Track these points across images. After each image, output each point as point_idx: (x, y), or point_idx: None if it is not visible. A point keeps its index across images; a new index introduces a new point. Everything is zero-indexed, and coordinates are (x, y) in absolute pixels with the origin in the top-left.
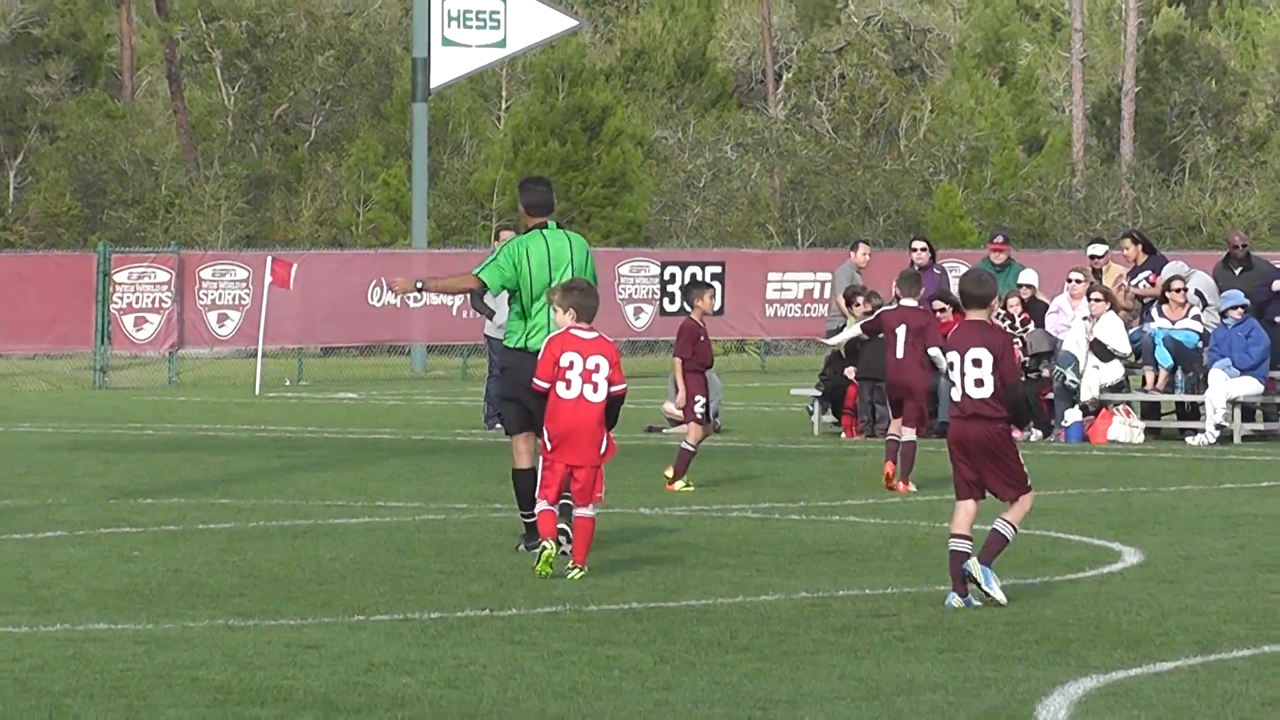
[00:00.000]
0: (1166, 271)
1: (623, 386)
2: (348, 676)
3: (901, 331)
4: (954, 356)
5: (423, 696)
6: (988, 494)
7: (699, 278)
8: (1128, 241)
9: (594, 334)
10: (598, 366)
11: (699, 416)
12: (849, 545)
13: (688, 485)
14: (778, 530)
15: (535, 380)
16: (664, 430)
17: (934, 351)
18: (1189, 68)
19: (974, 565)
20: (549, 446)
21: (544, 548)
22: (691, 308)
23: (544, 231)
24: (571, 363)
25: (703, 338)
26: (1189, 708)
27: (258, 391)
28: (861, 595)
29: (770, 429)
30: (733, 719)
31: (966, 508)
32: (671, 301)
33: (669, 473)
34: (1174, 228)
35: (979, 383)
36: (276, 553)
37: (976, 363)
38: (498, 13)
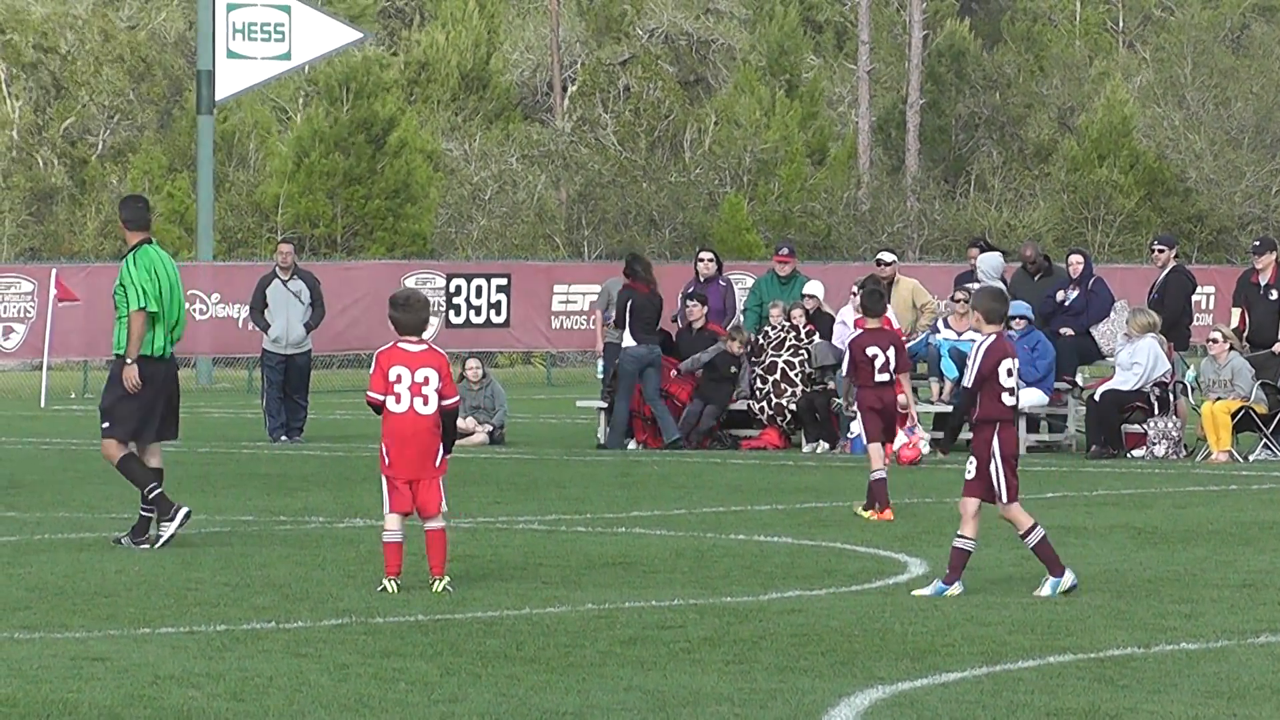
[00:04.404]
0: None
1: (455, 399)
2: (133, 689)
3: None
4: (1011, 364)
5: (208, 709)
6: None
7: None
8: (974, 250)
9: (423, 346)
10: (426, 379)
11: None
12: (635, 557)
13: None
14: (564, 542)
15: (369, 394)
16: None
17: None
18: (973, 80)
19: (1058, 584)
20: (387, 461)
21: (383, 587)
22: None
23: (151, 246)
24: (399, 376)
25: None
26: (974, 718)
27: (43, 404)
28: (648, 607)
29: (556, 441)
30: None
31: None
32: (457, 314)
33: (870, 511)
34: (959, 239)
35: (1010, 391)
36: (61, 565)
37: (1009, 373)
38: (282, 25)
